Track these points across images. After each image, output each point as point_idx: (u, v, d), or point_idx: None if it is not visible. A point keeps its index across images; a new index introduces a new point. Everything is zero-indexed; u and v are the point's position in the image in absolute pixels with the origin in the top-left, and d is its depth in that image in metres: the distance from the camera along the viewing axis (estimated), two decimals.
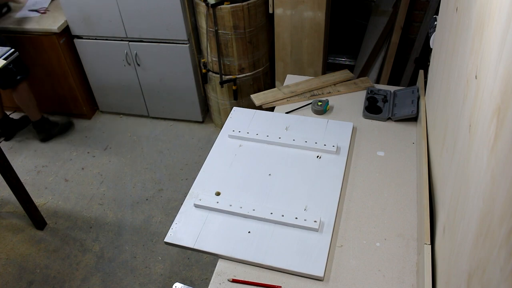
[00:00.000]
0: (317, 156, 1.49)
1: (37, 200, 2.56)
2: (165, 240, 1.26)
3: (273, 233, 1.25)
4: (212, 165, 1.48)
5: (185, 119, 3.10)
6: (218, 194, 1.37)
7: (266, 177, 1.42)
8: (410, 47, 2.76)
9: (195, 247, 1.23)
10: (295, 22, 2.42)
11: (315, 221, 1.24)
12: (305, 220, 1.25)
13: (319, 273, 1.14)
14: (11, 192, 2.25)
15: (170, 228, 1.28)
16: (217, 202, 1.32)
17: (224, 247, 1.22)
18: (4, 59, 2.13)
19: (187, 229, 1.28)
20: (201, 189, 1.40)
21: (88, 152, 2.96)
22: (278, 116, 1.68)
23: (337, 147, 1.50)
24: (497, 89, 0.65)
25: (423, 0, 2.68)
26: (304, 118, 1.67)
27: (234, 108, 1.73)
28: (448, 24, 1.25)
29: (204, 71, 2.72)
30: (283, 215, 1.27)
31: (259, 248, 1.21)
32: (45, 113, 3.31)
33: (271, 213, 1.28)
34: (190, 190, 1.40)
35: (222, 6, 2.35)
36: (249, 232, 1.25)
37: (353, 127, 1.60)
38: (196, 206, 1.33)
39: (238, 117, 1.68)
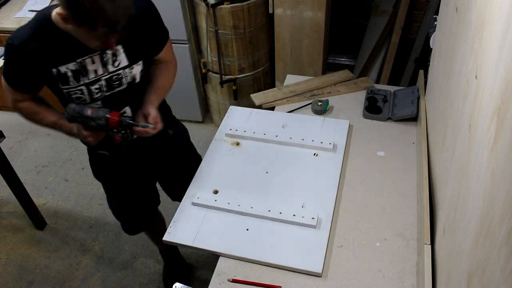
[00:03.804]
0: (314, 154, 1.49)
1: (37, 200, 2.55)
2: (163, 238, 1.27)
3: (271, 231, 1.25)
4: (210, 164, 1.49)
5: (185, 119, 3.09)
6: (216, 192, 1.38)
7: (264, 175, 1.42)
8: (410, 47, 2.76)
9: (194, 245, 1.23)
10: (295, 22, 2.42)
11: (312, 218, 1.25)
12: (302, 217, 1.26)
13: (318, 269, 1.14)
14: (11, 192, 2.25)
15: (169, 227, 1.29)
16: (215, 200, 1.33)
17: (223, 244, 1.22)
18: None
19: (185, 227, 1.28)
20: (199, 188, 1.40)
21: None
22: (275, 115, 1.68)
23: (334, 144, 1.50)
24: (497, 89, 0.65)
25: (423, 0, 2.68)
26: (300, 116, 1.67)
27: (231, 107, 1.73)
28: (448, 24, 1.25)
29: (204, 71, 2.72)
30: (281, 212, 1.27)
31: (258, 245, 1.21)
32: None
33: (269, 211, 1.28)
34: (188, 189, 1.40)
35: (222, 6, 2.35)
36: (247, 229, 1.26)
37: (349, 125, 1.60)
38: (194, 204, 1.34)
39: (235, 116, 1.68)
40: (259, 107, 1.76)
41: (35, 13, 3.20)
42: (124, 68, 1.29)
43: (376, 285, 1.12)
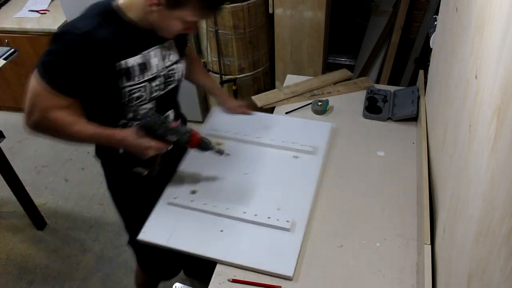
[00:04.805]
0: (294, 156, 1.48)
1: (37, 200, 2.55)
2: (138, 237, 1.25)
3: (245, 232, 1.24)
4: (190, 164, 1.47)
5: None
6: (193, 192, 1.37)
7: (242, 176, 1.42)
8: (410, 47, 2.76)
9: (168, 244, 1.22)
10: (295, 22, 2.42)
11: (287, 221, 1.24)
12: (277, 220, 1.25)
13: (289, 272, 1.13)
14: (11, 192, 2.25)
15: (144, 226, 1.27)
16: (192, 201, 1.32)
17: (196, 245, 1.21)
18: (4, 59, 2.13)
19: (160, 227, 1.27)
20: (177, 188, 1.39)
21: (88, 152, 2.96)
22: (258, 116, 1.68)
23: (314, 147, 1.49)
24: (497, 89, 0.65)
25: (423, 0, 2.68)
26: (284, 118, 1.68)
27: (214, 107, 1.72)
28: (448, 24, 1.25)
29: None
30: (256, 215, 1.27)
31: (231, 247, 1.20)
32: None
33: (244, 212, 1.27)
34: (166, 189, 1.39)
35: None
36: (221, 230, 1.25)
37: (331, 128, 1.58)
38: (171, 204, 1.33)
39: (218, 116, 1.67)
40: (260, 108, 1.76)
41: (35, 13, 3.18)
42: (176, 62, 1.28)
43: (376, 285, 1.12)
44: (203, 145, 1.28)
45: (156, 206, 1.33)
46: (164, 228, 1.27)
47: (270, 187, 1.37)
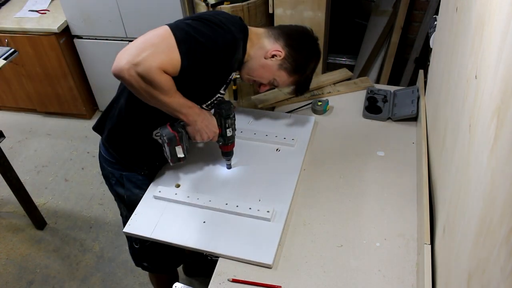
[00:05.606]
0: (276, 149, 1.51)
1: (37, 200, 2.56)
2: (123, 230, 1.29)
3: (227, 223, 1.27)
4: None
5: None
6: (178, 186, 1.40)
7: (225, 170, 1.45)
8: (410, 47, 2.76)
9: (152, 236, 1.25)
10: (295, 22, 2.41)
11: (268, 211, 1.27)
12: (258, 210, 1.28)
13: (268, 261, 1.16)
14: (11, 192, 2.25)
15: (130, 219, 1.31)
16: (176, 194, 1.36)
17: (179, 236, 1.25)
18: (4, 59, 2.13)
19: (145, 220, 1.31)
20: (162, 182, 1.43)
21: (88, 152, 2.96)
22: (244, 111, 1.70)
23: (296, 140, 1.52)
24: (497, 89, 0.65)
25: (423, 0, 2.68)
26: (268, 112, 1.70)
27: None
28: (448, 24, 1.25)
29: None
30: (237, 206, 1.30)
31: (213, 237, 1.24)
32: (45, 113, 3.31)
33: (226, 204, 1.31)
34: (152, 183, 1.43)
35: (222, 6, 2.35)
36: (204, 222, 1.28)
37: (314, 121, 1.62)
38: (156, 198, 1.36)
39: None
40: (260, 109, 1.75)
41: (35, 13, 3.18)
42: None
43: (376, 285, 1.12)
44: (232, 154, 1.43)
45: (142, 200, 1.37)
46: (148, 221, 1.30)
47: (252, 179, 1.41)
